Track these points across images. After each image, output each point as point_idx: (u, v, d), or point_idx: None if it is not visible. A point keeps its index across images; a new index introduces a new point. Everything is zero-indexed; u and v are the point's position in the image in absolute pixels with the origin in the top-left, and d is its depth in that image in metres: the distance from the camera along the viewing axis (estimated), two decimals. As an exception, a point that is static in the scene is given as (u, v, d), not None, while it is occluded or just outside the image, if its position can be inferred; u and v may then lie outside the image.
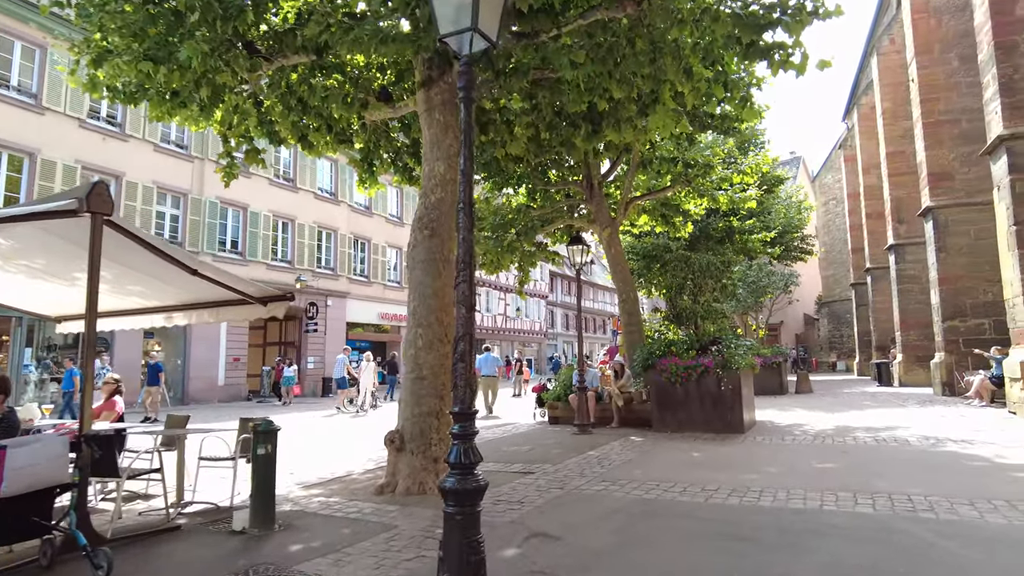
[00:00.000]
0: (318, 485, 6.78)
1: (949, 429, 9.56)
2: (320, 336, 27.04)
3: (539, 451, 8.76)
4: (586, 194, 14.45)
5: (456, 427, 2.85)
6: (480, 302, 38.30)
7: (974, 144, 15.71)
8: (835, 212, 41.51)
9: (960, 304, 15.51)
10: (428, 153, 7.24)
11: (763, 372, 18.01)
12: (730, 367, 9.85)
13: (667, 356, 10.47)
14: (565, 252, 12.00)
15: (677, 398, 10.32)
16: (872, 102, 26.36)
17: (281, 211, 25.62)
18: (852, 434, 9.36)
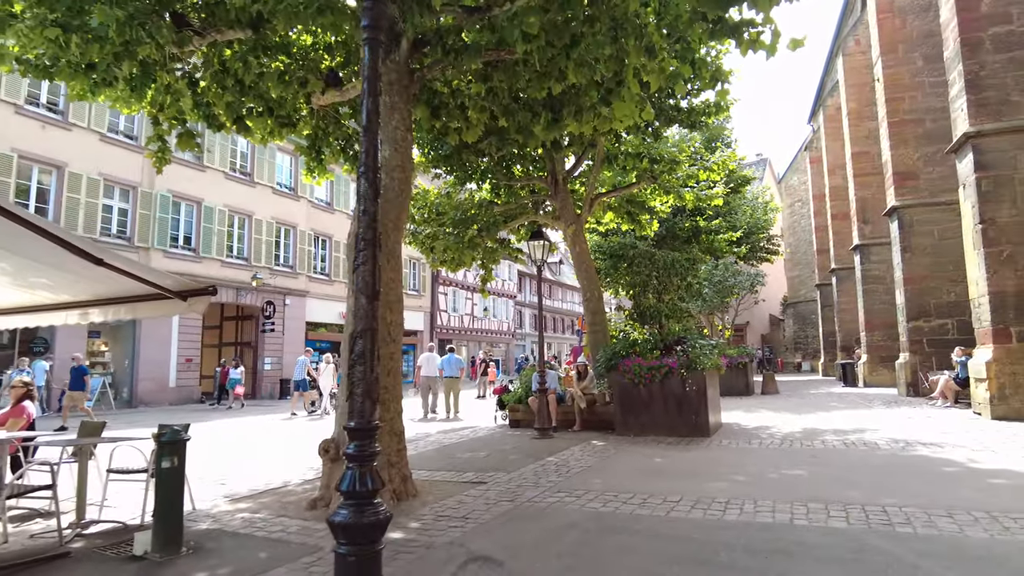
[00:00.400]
0: (248, 498, 6.17)
1: (917, 431, 9.30)
2: (278, 336, 26.17)
3: (495, 457, 8.25)
4: (551, 190, 14.00)
5: (352, 446, 2.31)
6: (446, 302, 37.66)
7: (938, 143, 15.68)
8: (800, 214, 41.82)
9: (924, 304, 15.44)
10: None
11: (729, 373, 17.78)
12: (695, 368, 9.47)
13: (630, 356, 10.05)
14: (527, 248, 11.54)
15: (641, 400, 9.91)
16: (838, 103, 26.47)
17: (237, 206, 24.70)
18: (820, 437, 9.04)
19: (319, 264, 28.99)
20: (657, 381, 9.71)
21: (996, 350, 10.36)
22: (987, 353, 10.53)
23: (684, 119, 12.29)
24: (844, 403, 14.57)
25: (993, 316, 10.46)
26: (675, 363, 9.61)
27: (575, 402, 10.91)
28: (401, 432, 6.15)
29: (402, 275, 6.59)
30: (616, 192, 14.65)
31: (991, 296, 10.51)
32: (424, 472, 7.29)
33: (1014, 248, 10.50)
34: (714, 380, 10.47)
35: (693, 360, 9.51)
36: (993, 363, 10.35)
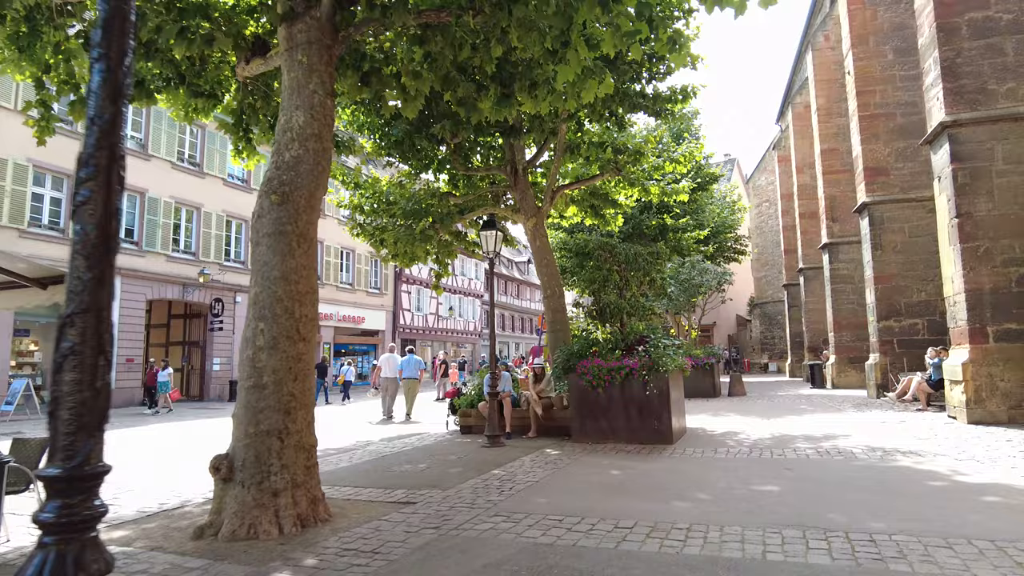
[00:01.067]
0: (131, 523, 5.21)
1: (893, 438, 8.68)
2: (228, 335, 24.91)
3: (435, 470, 7.38)
4: (510, 180, 13.17)
5: (50, 509, 1.40)
6: (410, 300, 36.61)
7: (910, 138, 15.25)
8: (768, 214, 41.72)
9: (895, 303, 14.98)
10: (286, 101, 5.77)
11: (695, 374, 17.16)
12: (657, 369, 8.72)
13: (589, 357, 9.27)
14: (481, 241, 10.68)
15: (599, 404, 9.12)
16: (806, 101, 26.16)
17: (184, 198, 23.41)
18: (792, 444, 8.35)
19: (274, 260, 27.71)
20: (617, 384, 8.94)
21: (972, 351, 9.82)
22: (963, 354, 9.98)
23: (649, 106, 11.55)
24: (813, 406, 14.00)
25: (969, 315, 9.91)
26: (636, 364, 8.85)
27: (530, 406, 10.09)
28: (311, 446, 5.25)
29: (316, 261, 5.69)
30: (579, 184, 13.87)
31: (967, 294, 9.96)
32: (349, 489, 6.40)
33: (991, 243, 9.97)
34: (678, 382, 9.75)
35: (655, 361, 8.77)
36: (969, 364, 9.80)
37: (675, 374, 9.37)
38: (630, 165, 13.22)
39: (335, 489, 6.40)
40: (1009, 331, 9.75)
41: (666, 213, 24.26)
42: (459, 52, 6.77)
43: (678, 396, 9.60)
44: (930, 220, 14.84)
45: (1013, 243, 9.91)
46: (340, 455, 8.93)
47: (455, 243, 14.14)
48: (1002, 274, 9.89)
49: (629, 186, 13.96)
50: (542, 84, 7.35)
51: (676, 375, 9.50)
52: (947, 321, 10.94)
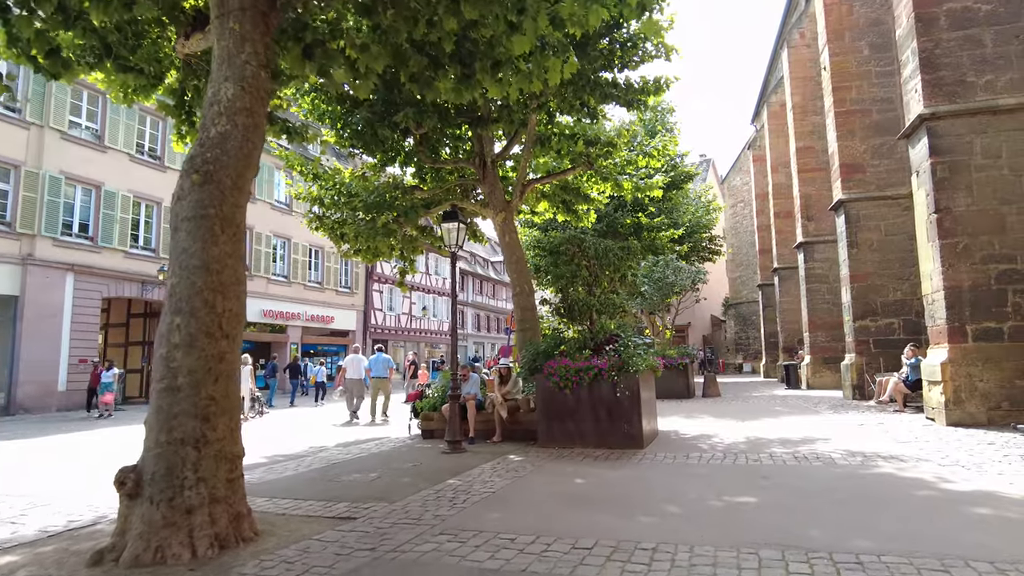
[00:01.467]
0: (25, 547, 4.58)
1: (873, 442, 8.31)
2: (191, 335, 23.94)
3: (386, 480, 6.82)
4: (479, 174, 12.66)
5: None
6: (382, 300, 35.87)
7: (886, 135, 15.04)
8: (743, 215, 41.73)
9: (871, 302, 14.73)
10: (215, 73, 5.19)
11: (669, 374, 16.78)
12: (627, 370, 8.26)
13: (556, 357, 8.77)
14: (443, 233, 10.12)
15: (567, 407, 8.63)
16: (782, 99, 26.02)
17: (143, 191, 22.53)
18: (768, 449, 7.93)
19: (239, 258, 26.82)
20: (585, 385, 8.46)
21: (951, 350, 9.51)
22: (942, 354, 9.67)
23: (621, 96, 11.12)
24: (789, 407, 13.68)
25: (948, 313, 9.60)
26: (605, 365, 8.37)
27: (495, 409, 9.57)
28: (236, 456, 4.66)
29: (243, 250, 5.11)
30: (550, 178, 13.41)
31: (946, 292, 9.65)
32: (287, 502, 5.81)
33: (970, 240, 9.68)
34: (650, 383, 9.30)
35: (625, 361, 8.30)
36: (948, 364, 9.49)
37: (646, 375, 8.92)
38: (602, 159, 12.80)
39: (272, 502, 5.82)
40: (988, 330, 9.46)
41: (641, 212, 23.96)
42: (414, 27, 6.23)
43: (649, 398, 9.15)
44: (906, 218, 14.63)
45: (992, 239, 9.63)
46: (289, 463, 8.32)
47: (420, 238, 13.58)
48: (981, 271, 9.60)
49: (601, 181, 13.54)
50: (505, 63, 6.86)
51: (647, 376, 9.05)
52: (925, 320, 10.65)
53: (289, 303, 29.20)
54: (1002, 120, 9.77)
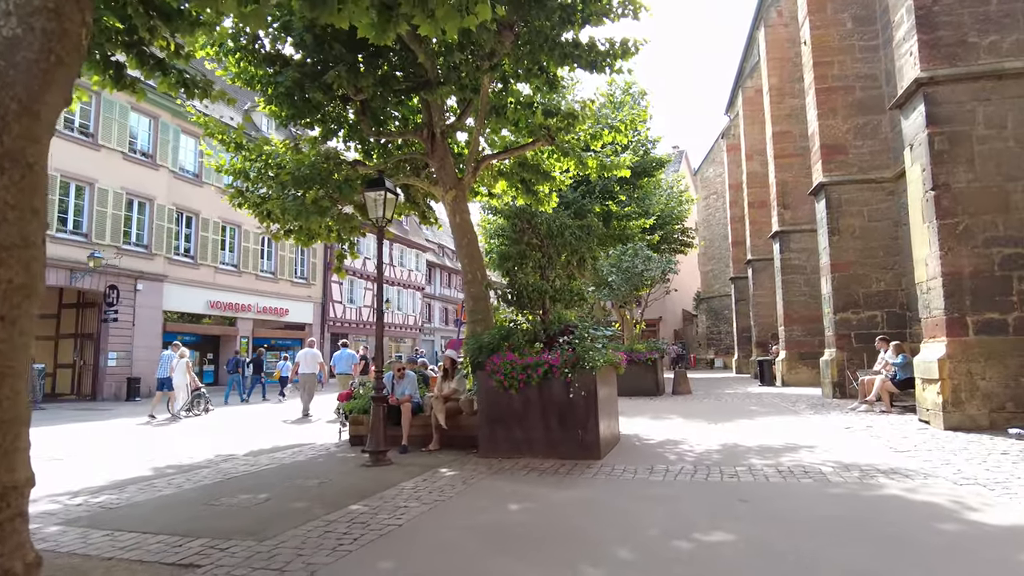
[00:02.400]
0: None
1: (866, 450, 7.15)
2: (126, 327, 22.26)
3: (276, 504, 5.44)
4: (427, 147, 11.26)
5: None
6: (342, 292, 34.25)
7: (869, 114, 13.99)
8: (716, 207, 40.90)
9: (853, 294, 13.68)
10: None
11: (636, 371, 15.59)
12: (583, 366, 6.98)
13: (502, 351, 7.47)
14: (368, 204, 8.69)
15: (512, 410, 7.33)
16: (757, 84, 25.04)
17: (73, 171, 20.65)
18: (746, 460, 6.72)
19: (183, 245, 25.09)
20: (534, 384, 7.16)
21: (950, 345, 8.41)
22: (939, 349, 8.57)
23: (583, 57, 9.79)
24: (766, 407, 12.56)
25: (947, 303, 8.50)
26: (557, 360, 7.09)
27: (433, 412, 8.23)
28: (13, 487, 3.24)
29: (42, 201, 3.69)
30: (507, 154, 12.09)
31: (944, 279, 8.55)
32: (131, 537, 4.43)
33: (971, 220, 8.58)
34: (610, 380, 8.04)
35: (580, 356, 7.02)
36: (946, 361, 8.38)
37: (606, 372, 7.66)
38: (563, 132, 11.51)
39: (110, 538, 4.42)
40: (991, 322, 8.38)
41: (610, 199, 22.77)
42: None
43: (609, 398, 7.89)
44: (890, 204, 13.63)
45: (995, 219, 8.54)
46: (177, 476, 6.90)
47: (359, 218, 12.16)
48: (983, 255, 8.51)
49: (563, 157, 12.25)
50: (433, -8, 5.50)
51: (607, 373, 7.79)
52: (919, 311, 9.56)
53: (239, 294, 27.47)
54: (1007, 86, 8.68)
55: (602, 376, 7.42)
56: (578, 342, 7.26)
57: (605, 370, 7.59)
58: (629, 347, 16.51)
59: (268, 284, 29.32)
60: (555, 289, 7.90)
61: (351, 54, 10.02)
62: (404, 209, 13.25)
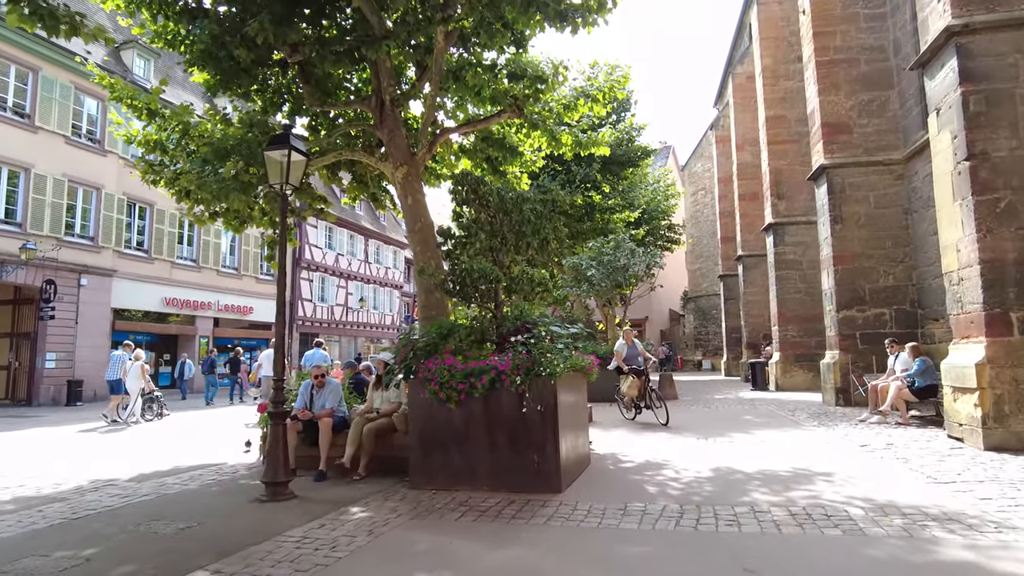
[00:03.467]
0: None
1: (897, 480, 5.65)
2: (68, 325, 20.46)
3: (93, 567, 3.85)
4: (376, 117, 9.69)
5: None
6: (312, 290, 32.51)
7: (875, 90, 12.56)
8: (704, 203, 39.56)
9: (858, 289, 12.23)
10: None
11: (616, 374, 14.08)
12: (540, 373, 5.43)
13: (440, 354, 5.91)
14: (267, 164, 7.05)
15: (452, 428, 5.77)
16: (749, 70, 23.65)
17: (7, 155, 18.84)
18: (746, 493, 5.21)
19: (134, 237, 23.30)
20: (478, 395, 5.61)
21: (991, 346, 6.95)
22: (976, 352, 7.10)
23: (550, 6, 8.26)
24: (762, 416, 11.07)
25: (986, 296, 7.04)
26: (506, 366, 5.54)
27: (358, 430, 6.64)
28: None
29: None
30: (468, 127, 10.54)
31: (983, 267, 7.09)
32: None
33: (1015, 195, 7.12)
34: (578, 389, 6.51)
35: (536, 360, 5.48)
36: (986, 366, 6.92)
37: (572, 379, 6.13)
38: (532, 100, 10.00)
39: None
40: (1040, 319, 6.92)
41: (593, 190, 21.29)
42: None
43: (576, 411, 6.36)
44: (899, 189, 12.21)
45: (1043, 195, 7.09)
46: (22, 513, 5.29)
47: (297, 198, 10.55)
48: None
49: (532, 130, 10.72)
50: None
51: (574, 380, 6.26)
52: (948, 306, 8.08)
53: (198, 291, 25.70)
54: (1057, 35, 7.23)
55: (567, 384, 5.88)
56: (534, 342, 5.71)
57: (571, 377, 6.06)
58: (610, 348, 14.99)
59: (231, 280, 27.57)
60: (510, 277, 6.34)
61: (280, 4, 8.47)
62: (354, 192, 11.66)
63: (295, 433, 6.78)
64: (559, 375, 5.50)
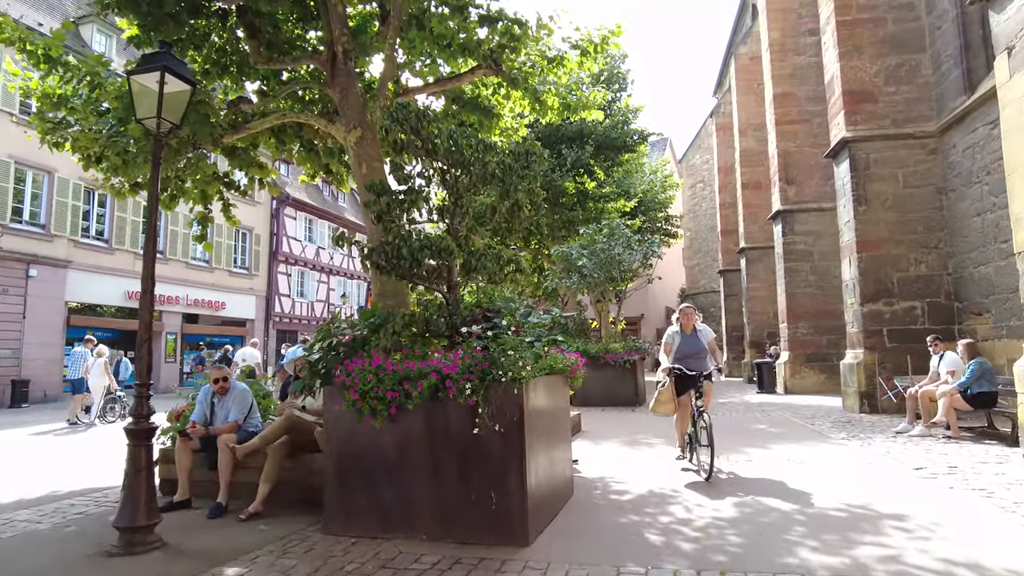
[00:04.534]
0: None
1: (996, 527, 4.12)
2: (14, 320, 18.74)
3: None
4: (327, 73, 8.13)
5: None
6: (290, 284, 30.83)
7: (905, 53, 11.04)
8: (702, 196, 38.06)
9: (885, 279, 10.71)
10: None
11: (611, 375, 12.58)
12: (501, 378, 3.88)
13: (367, 351, 4.35)
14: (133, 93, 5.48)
15: (380, 454, 4.21)
16: (752, 51, 22.17)
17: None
18: (789, 550, 3.65)
19: (93, 226, 21.61)
20: (412, 408, 4.05)
21: (1087, 343, 5.42)
22: (1063, 349, 5.57)
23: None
24: (777, 425, 9.53)
25: (1078, 279, 5.51)
26: (454, 368, 3.97)
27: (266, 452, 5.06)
28: None
29: None
30: (436, 86, 8.98)
31: (1073, 242, 5.56)
32: None
33: (1116, 152, 5.60)
34: (557, 396, 4.95)
35: (495, 361, 3.92)
36: (1081, 368, 5.39)
37: (548, 385, 4.58)
38: (509, 52, 8.45)
39: None
40: None
41: (585, 174, 19.71)
42: None
43: (553, 426, 4.80)
44: (932, 165, 10.70)
45: None
46: None
47: (233, 161, 8.95)
48: None
49: (512, 87, 9.15)
50: None
51: (552, 387, 4.71)
52: (1022, 293, 6.55)
53: (165, 284, 23.95)
54: None
55: (540, 392, 4.33)
56: (495, 336, 4.15)
57: (546, 382, 4.51)
58: (604, 347, 13.48)
59: (201, 274, 25.87)
60: (467, 250, 4.78)
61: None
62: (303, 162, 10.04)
63: (189, 453, 5.22)
64: (527, 380, 3.94)
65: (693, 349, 6.23)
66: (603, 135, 20.01)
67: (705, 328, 6.49)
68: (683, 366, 6.15)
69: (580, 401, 11.62)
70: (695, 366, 6.14)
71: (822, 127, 16.10)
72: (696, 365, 6.15)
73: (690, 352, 6.22)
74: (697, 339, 6.31)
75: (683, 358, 6.21)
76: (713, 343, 6.43)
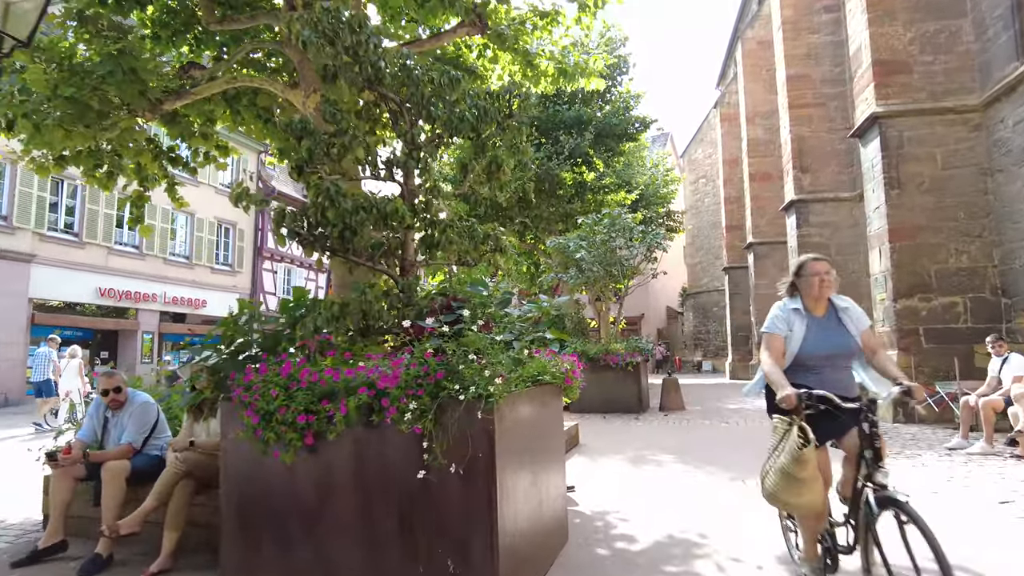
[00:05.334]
0: None
1: None
2: (-27, 320, 17.54)
3: None
4: (283, 30, 6.90)
5: None
6: (276, 282, 29.59)
7: (943, 18, 9.87)
8: (704, 191, 36.86)
9: (921, 272, 9.51)
10: None
11: (613, 378, 11.38)
12: (454, 394, 2.67)
13: (281, 353, 3.13)
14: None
15: (295, 499, 2.98)
16: (760, 35, 21.02)
17: None
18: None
19: (61, 218, 20.37)
20: (333, 436, 2.84)
21: None
22: None
23: None
24: (802, 438, 8.32)
25: None
26: (394, 380, 2.76)
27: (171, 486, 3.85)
28: None
29: None
30: (414, 46, 7.77)
31: None
32: None
33: None
34: (547, 410, 3.74)
35: (452, 370, 2.71)
36: None
37: (533, 400, 3.37)
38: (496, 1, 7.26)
39: None
40: None
41: (584, 165, 18.51)
42: None
43: (539, 452, 3.58)
44: (975, 143, 9.51)
45: None
46: None
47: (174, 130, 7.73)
48: None
49: (500, 48, 7.94)
50: None
51: (540, 404, 3.49)
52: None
53: (140, 280, 22.77)
54: None
55: (523, 410, 3.13)
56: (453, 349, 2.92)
57: (531, 397, 3.30)
58: (603, 348, 12.27)
59: (180, 270, 24.63)
60: (427, 220, 3.57)
61: None
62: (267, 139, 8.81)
63: (68, 482, 4.00)
64: (498, 399, 2.72)
65: (835, 348, 3.04)
66: (603, 121, 18.80)
67: (852, 306, 3.15)
68: (819, 388, 2.78)
69: (577, 408, 10.47)
70: (843, 385, 3.00)
71: (839, 111, 14.94)
72: (844, 383, 3.03)
73: (830, 353, 3.04)
74: (840, 327, 3.08)
75: (813, 368, 3.03)
76: (873, 337, 3.15)
